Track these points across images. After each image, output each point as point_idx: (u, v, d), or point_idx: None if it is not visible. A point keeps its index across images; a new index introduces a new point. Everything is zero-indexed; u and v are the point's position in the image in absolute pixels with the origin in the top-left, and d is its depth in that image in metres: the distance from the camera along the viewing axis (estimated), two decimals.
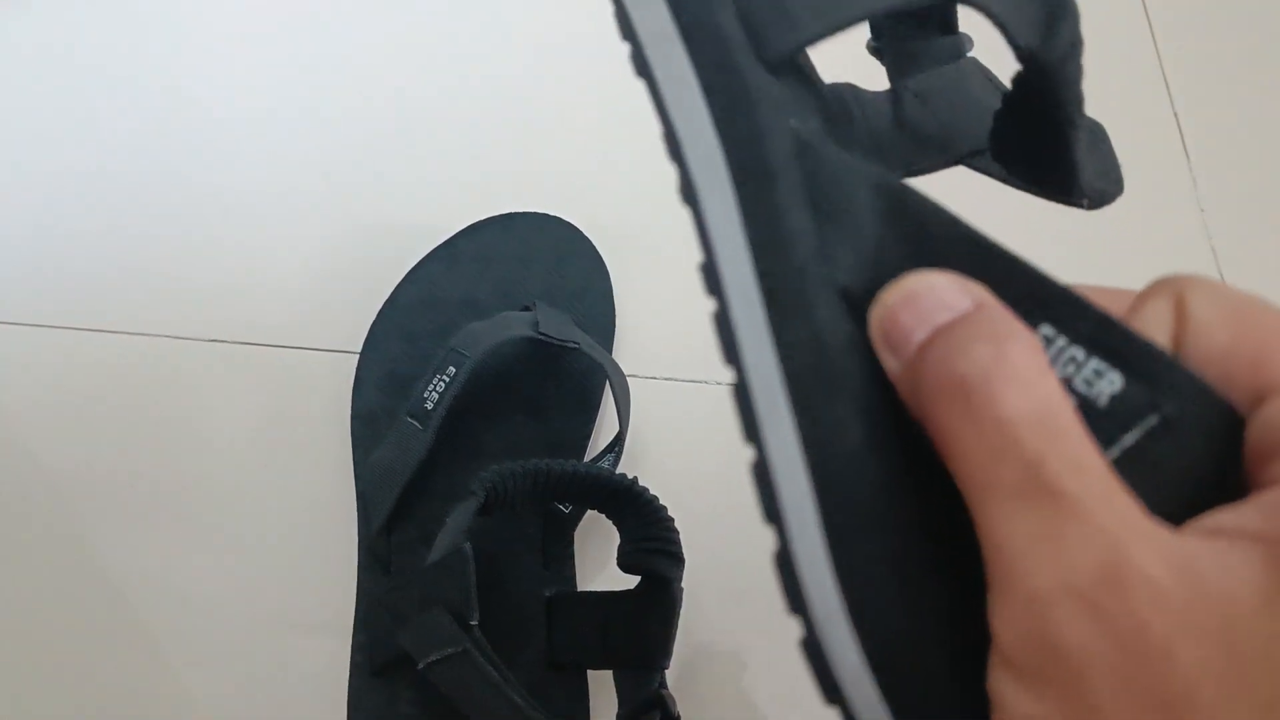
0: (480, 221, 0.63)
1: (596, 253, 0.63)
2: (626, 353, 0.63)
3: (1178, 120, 0.78)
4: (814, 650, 0.26)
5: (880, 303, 0.26)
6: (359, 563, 0.55)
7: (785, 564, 0.26)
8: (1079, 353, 0.25)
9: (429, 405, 0.54)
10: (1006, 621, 0.23)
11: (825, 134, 0.30)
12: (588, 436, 0.60)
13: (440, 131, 0.68)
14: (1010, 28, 0.30)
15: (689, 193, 0.29)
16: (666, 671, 0.51)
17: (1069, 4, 0.30)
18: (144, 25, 0.64)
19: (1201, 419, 0.25)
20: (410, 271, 0.61)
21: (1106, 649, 0.21)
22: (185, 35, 0.65)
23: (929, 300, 0.26)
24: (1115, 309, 0.27)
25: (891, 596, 0.25)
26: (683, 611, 0.52)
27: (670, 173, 0.30)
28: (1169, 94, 0.79)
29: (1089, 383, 0.25)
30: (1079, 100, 0.31)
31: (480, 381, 0.56)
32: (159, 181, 0.62)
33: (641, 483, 0.52)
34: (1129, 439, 0.24)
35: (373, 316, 0.60)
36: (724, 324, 0.28)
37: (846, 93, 0.36)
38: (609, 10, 0.31)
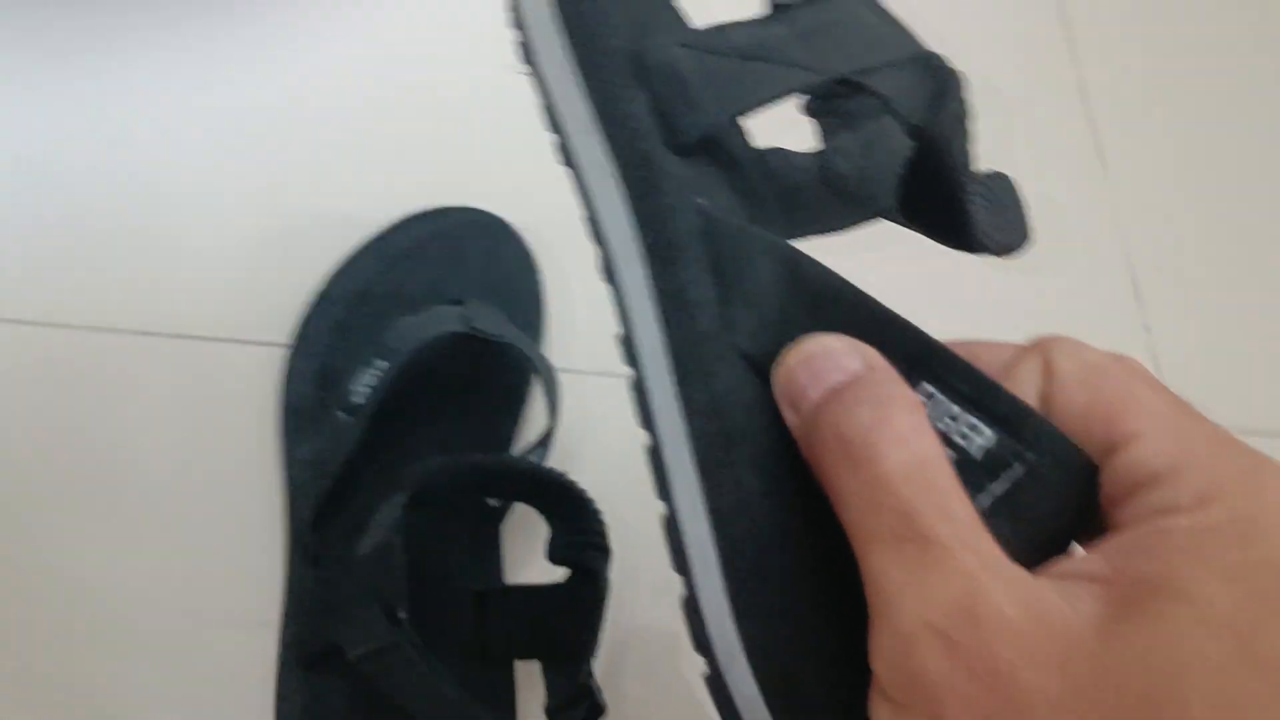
0: (411, 216, 0.63)
1: (527, 248, 0.64)
2: (556, 348, 0.63)
3: (1095, 131, 0.80)
4: (717, 685, 0.29)
5: (781, 362, 0.29)
6: (288, 556, 0.55)
7: (692, 609, 0.29)
8: (956, 409, 0.28)
9: (359, 399, 0.54)
10: (880, 655, 0.25)
11: (738, 206, 0.33)
12: (517, 431, 0.60)
13: (370, 123, 0.68)
14: (899, 107, 0.33)
15: (609, 271, 0.32)
16: (594, 663, 0.52)
17: (954, 82, 0.33)
18: (76, 12, 0.64)
19: (1061, 469, 0.27)
20: (342, 265, 0.61)
21: (960, 678, 0.24)
22: (113, 20, 0.64)
23: (824, 362, 0.28)
24: (1000, 360, 0.30)
25: (784, 636, 0.28)
26: (610, 604, 0.52)
27: None
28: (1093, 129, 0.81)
29: (965, 436, 0.28)
30: (967, 165, 0.34)
31: (411, 376, 0.57)
32: (86, 170, 0.61)
33: (570, 477, 0.53)
34: (998, 488, 0.27)
35: (303, 309, 0.60)
36: (639, 391, 0.31)
37: (773, 157, 0.39)
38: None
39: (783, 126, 0.38)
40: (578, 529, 0.52)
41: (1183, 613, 0.23)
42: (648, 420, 0.31)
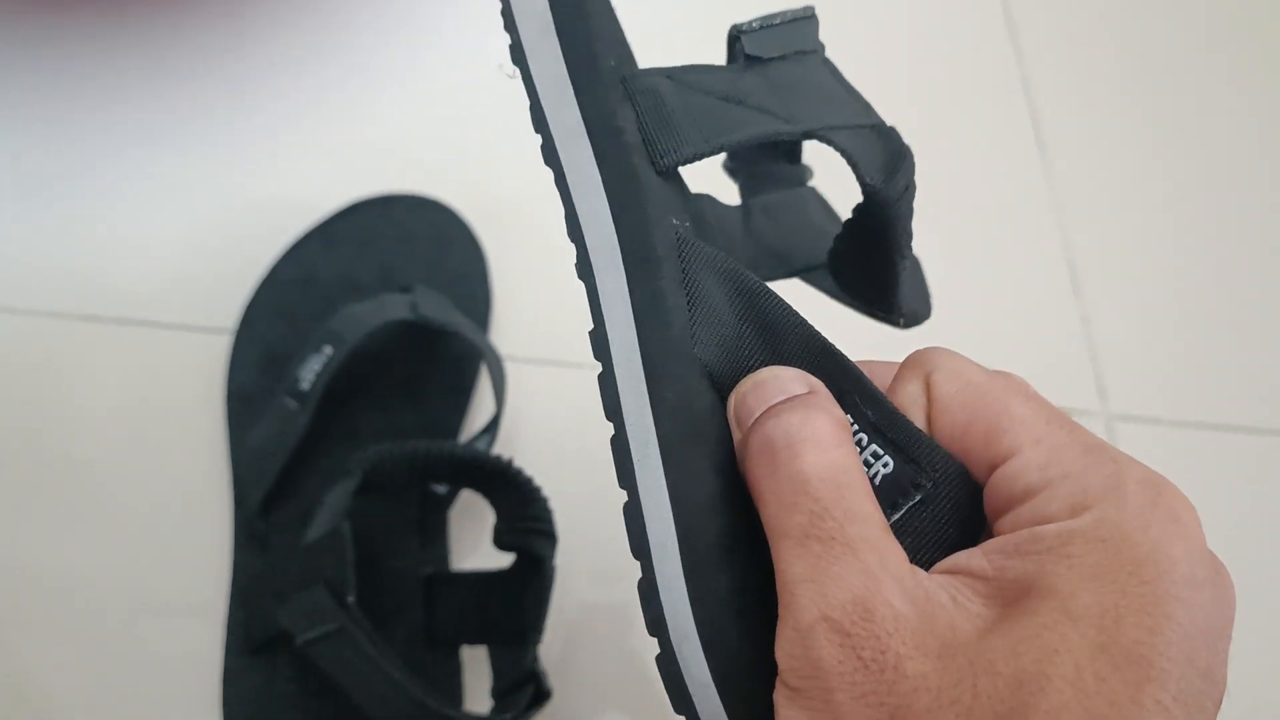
0: (357, 202, 0.63)
1: (474, 236, 0.64)
2: (503, 336, 0.64)
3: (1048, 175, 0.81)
4: (670, 667, 0.30)
5: (736, 389, 0.32)
6: (235, 541, 0.55)
7: (649, 592, 0.30)
8: (863, 437, 0.30)
9: (305, 385, 0.54)
10: (782, 646, 0.27)
11: (696, 233, 0.35)
12: (463, 418, 0.61)
13: (314, 108, 0.68)
14: (860, 166, 0.35)
15: (585, 269, 0.34)
16: (539, 647, 0.52)
17: (907, 153, 0.36)
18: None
19: (953, 493, 0.30)
20: (287, 250, 0.61)
21: (851, 667, 0.26)
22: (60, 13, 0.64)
23: (773, 386, 0.31)
24: (887, 378, 0.32)
25: (731, 624, 0.29)
26: (555, 589, 0.53)
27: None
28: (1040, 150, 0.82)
29: (868, 464, 0.30)
30: (908, 234, 0.37)
31: (358, 362, 0.57)
32: (29, 155, 0.61)
33: (516, 464, 0.53)
34: (897, 514, 0.29)
35: (248, 295, 0.60)
36: (608, 384, 0.33)
37: (705, 202, 0.41)
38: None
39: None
40: (523, 515, 0.53)
41: (1050, 607, 0.26)
42: (615, 412, 0.32)
